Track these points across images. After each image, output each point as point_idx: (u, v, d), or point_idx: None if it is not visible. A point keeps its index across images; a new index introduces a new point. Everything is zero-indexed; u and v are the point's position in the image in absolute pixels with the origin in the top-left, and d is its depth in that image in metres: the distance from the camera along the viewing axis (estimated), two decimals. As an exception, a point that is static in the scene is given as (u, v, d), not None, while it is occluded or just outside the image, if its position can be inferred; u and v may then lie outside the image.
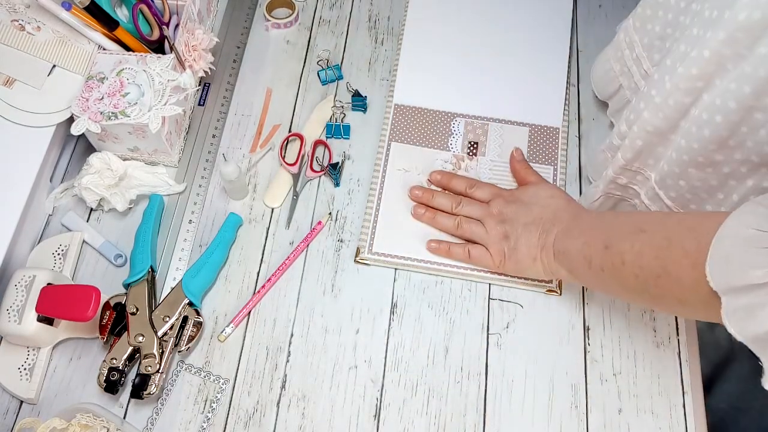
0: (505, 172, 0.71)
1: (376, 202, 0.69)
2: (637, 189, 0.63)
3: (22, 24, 0.66)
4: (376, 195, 0.69)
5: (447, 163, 0.71)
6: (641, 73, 0.64)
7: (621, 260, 0.51)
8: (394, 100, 0.75)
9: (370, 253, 0.66)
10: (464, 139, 0.73)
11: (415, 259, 0.66)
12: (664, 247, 0.47)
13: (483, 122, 0.73)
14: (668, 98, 0.53)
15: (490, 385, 0.62)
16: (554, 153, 0.72)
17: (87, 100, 0.64)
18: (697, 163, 0.54)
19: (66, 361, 0.62)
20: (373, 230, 0.67)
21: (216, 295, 0.65)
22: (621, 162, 0.61)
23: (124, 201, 0.67)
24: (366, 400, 0.61)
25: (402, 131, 0.73)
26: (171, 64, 0.67)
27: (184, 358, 0.62)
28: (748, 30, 0.44)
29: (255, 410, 0.60)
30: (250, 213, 0.70)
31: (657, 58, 0.62)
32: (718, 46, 0.47)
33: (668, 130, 0.55)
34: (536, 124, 0.74)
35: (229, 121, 0.75)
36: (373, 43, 0.81)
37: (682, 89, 0.51)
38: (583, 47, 0.81)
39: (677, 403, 0.61)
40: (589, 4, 0.84)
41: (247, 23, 0.82)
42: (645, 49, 0.63)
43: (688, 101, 0.52)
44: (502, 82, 0.76)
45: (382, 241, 0.67)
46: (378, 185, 0.70)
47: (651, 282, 0.48)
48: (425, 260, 0.66)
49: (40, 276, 0.59)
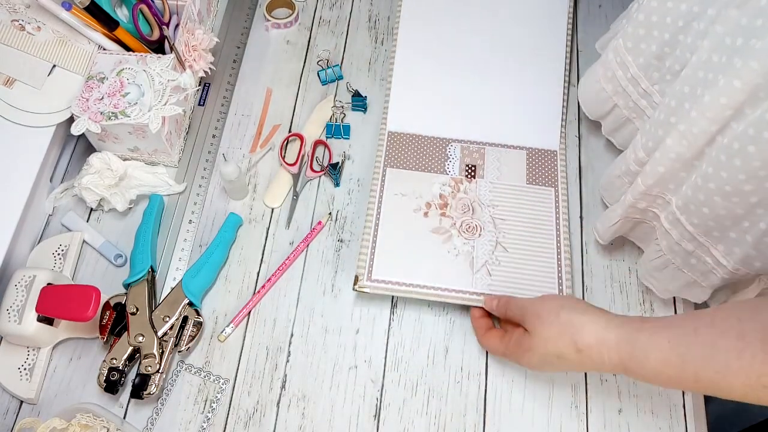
0: (505, 193, 0.69)
1: (373, 229, 0.66)
2: (657, 212, 0.61)
3: (22, 24, 0.66)
4: (373, 221, 0.67)
5: (446, 186, 0.69)
6: (639, 92, 0.64)
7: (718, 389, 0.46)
8: (388, 128, 0.73)
9: (369, 280, 0.64)
10: (461, 163, 0.71)
11: (416, 285, 0.64)
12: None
13: (479, 146, 0.72)
14: (692, 126, 0.52)
15: (490, 385, 0.62)
16: (554, 175, 0.71)
17: (87, 100, 0.64)
18: (723, 192, 0.52)
19: (66, 361, 0.62)
20: (372, 257, 0.65)
21: (216, 295, 0.65)
22: (641, 188, 0.60)
23: (124, 201, 0.67)
24: (366, 400, 0.61)
25: (397, 157, 0.71)
26: (171, 64, 0.67)
27: (184, 358, 0.62)
28: None
29: (255, 410, 0.60)
30: (250, 213, 0.70)
31: (656, 76, 0.62)
32: (752, 75, 0.46)
33: (693, 157, 0.54)
34: (533, 147, 0.72)
35: (229, 121, 0.75)
36: (373, 43, 0.81)
37: (708, 118, 0.50)
38: (583, 47, 0.81)
39: (677, 403, 0.61)
40: (589, 4, 0.84)
41: (247, 23, 0.82)
42: (641, 69, 0.63)
43: (715, 129, 0.51)
44: (497, 105, 0.75)
45: (380, 268, 0.65)
46: (375, 211, 0.68)
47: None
48: (425, 286, 0.64)
49: (40, 276, 0.59)
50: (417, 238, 0.66)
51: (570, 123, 0.75)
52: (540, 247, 0.66)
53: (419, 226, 0.67)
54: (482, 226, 0.67)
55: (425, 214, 0.68)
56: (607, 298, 0.65)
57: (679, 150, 0.55)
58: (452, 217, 0.68)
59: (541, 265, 0.65)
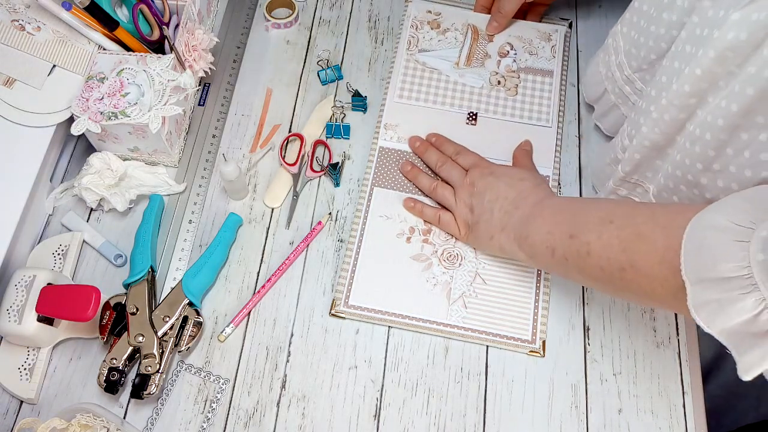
0: None
1: (355, 251, 0.66)
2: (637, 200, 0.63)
3: (22, 24, 0.66)
4: (356, 243, 0.66)
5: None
6: (623, 78, 0.65)
7: (587, 251, 0.50)
8: (379, 144, 0.72)
9: (346, 306, 0.63)
10: None
11: (391, 314, 0.63)
12: (632, 240, 0.47)
13: None
14: (664, 114, 0.53)
15: (490, 385, 0.62)
16: None
17: (87, 100, 0.64)
18: (687, 181, 0.54)
19: (66, 361, 0.62)
20: (351, 281, 0.64)
21: (216, 295, 0.65)
22: (620, 174, 0.61)
23: (124, 201, 0.67)
24: (366, 400, 0.61)
25: (386, 176, 0.70)
26: (171, 64, 0.67)
27: (184, 358, 0.62)
28: (737, 49, 0.45)
29: (255, 410, 0.60)
30: (250, 213, 0.70)
31: (635, 65, 0.63)
32: (710, 64, 0.47)
33: (665, 145, 0.56)
34: None
35: (229, 121, 0.75)
36: (373, 43, 0.81)
37: (676, 105, 0.52)
38: (583, 47, 0.81)
39: (677, 403, 0.61)
40: (589, 4, 0.84)
41: (247, 23, 0.82)
42: (625, 56, 0.64)
43: (683, 117, 0.52)
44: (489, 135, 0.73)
45: (358, 294, 0.64)
46: (358, 234, 0.67)
47: (616, 274, 0.48)
48: (400, 314, 0.63)
49: (40, 276, 0.59)
50: (397, 265, 0.66)
51: (570, 123, 0.75)
52: (519, 283, 0.65)
53: (401, 252, 0.66)
54: (463, 255, 0.66)
55: (408, 240, 0.67)
56: (607, 297, 0.65)
57: (652, 137, 0.56)
58: (434, 244, 0.67)
59: (517, 302, 0.64)
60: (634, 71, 0.63)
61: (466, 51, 0.78)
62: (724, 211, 0.42)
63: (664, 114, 0.53)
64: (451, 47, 0.78)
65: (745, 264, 0.38)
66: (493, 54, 0.78)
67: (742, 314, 0.38)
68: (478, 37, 0.79)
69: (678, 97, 0.51)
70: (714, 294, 0.40)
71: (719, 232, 0.40)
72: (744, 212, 0.41)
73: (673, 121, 0.53)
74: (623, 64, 0.64)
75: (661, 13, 0.56)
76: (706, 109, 0.49)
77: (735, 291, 0.39)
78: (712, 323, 0.40)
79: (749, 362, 0.39)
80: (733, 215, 0.41)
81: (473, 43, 0.79)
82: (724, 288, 0.39)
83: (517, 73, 0.77)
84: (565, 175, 0.72)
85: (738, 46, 0.45)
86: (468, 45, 0.78)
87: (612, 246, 0.48)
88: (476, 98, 0.75)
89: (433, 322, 0.63)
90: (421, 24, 0.80)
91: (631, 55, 0.62)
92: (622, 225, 0.49)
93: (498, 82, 0.76)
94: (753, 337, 0.39)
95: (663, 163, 0.57)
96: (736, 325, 0.39)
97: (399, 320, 0.63)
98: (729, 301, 0.39)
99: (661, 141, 0.55)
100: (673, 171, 0.55)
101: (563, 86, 0.76)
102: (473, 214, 0.63)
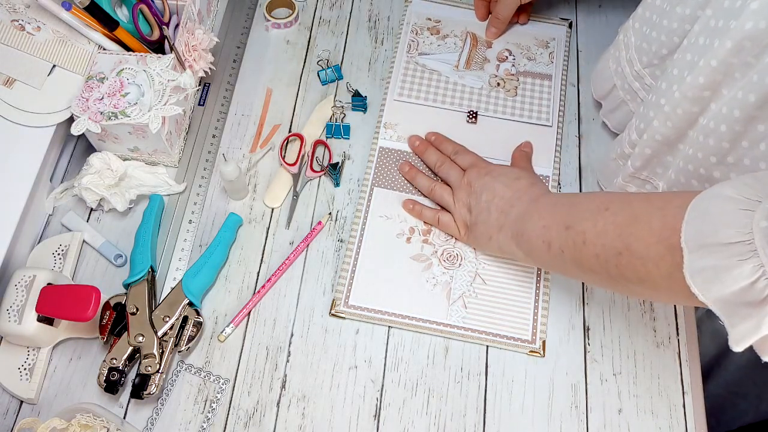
0: None
1: (354, 251, 0.66)
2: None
3: (22, 24, 0.66)
4: (356, 243, 0.66)
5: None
6: (633, 74, 0.65)
7: (582, 239, 0.50)
8: (379, 144, 0.73)
9: (346, 306, 0.64)
10: None
11: (391, 314, 0.63)
12: (628, 224, 0.47)
13: None
14: (677, 107, 0.53)
15: (490, 385, 0.62)
16: None
17: (87, 100, 0.64)
18: (699, 176, 0.53)
19: (66, 361, 0.62)
20: (351, 282, 0.65)
21: (216, 295, 0.65)
22: (630, 170, 0.61)
23: (124, 201, 0.67)
24: (366, 400, 0.61)
25: (386, 176, 0.70)
26: (171, 64, 0.67)
27: (184, 358, 0.62)
28: (755, 39, 0.44)
29: (255, 410, 0.60)
30: (250, 213, 0.70)
31: (645, 60, 0.62)
32: (726, 55, 0.47)
33: (676, 139, 0.55)
34: None
35: (229, 121, 0.75)
36: (373, 43, 0.81)
37: (689, 98, 0.51)
38: (583, 47, 0.81)
39: (677, 403, 0.61)
40: (589, 4, 0.84)
41: (247, 23, 0.82)
42: (636, 51, 0.64)
43: (696, 110, 0.52)
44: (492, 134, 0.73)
45: (358, 294, 0.64)
46: (358, 234, 0.67)
47: (612, 261, 0.48)
48: (400, 315, 0.63)
49: (40, 276, 0.59)
50: (397, 265, 0.66)
51: (570, 123, 0.75)
52: (519, 283, 0.65)
53: (401, 253, 0.66)
54: (463, 255, 0.66)
55: (408, 240, 0.67)
56: (607, 295, 0.65)
57: (663, 131, 0.55)
58: (434, 245, 0.67)
59: (517, 302, 0.64)
60: (644, 66, 0.63)
61: (465, 55, 0.78)
62: (732, 185, 0.41)
63: (677, 108, 0.53)
64: (450, 51, 0.78)
65: (747, 230, 0.38)
66: (492, 59, 0.78)
67: (738, 281, 0.38)
68: (477, 44, 0.79)
69: (691, 89, 0.51)
70: (712, 260, 0.39)
71: (725, 201, 0.40)
72: (752, 188, 0.40)
73: (686, 114, 0.53)
74: (633, 60, 0.64)
75: (675, 7, 0.56)
76: (721, 101, 0.49)
77: (734, 257, 0.38)
78: (708, 291, 0.39)
79: (742, 333, 0.39)
80: (742, 189, 0.40)
81: (472, 49, 0.79)
82: (723, 254, 0.38)
83: (516, 76, 0.77)
84: (565, 174, 0.72)
85: (757, 36, 0.44)
86: (467, 50, 0.79)
87: (607, 232, 0.48)
88: (476, 98, 0.75)
89: (433, 322, 0.63)
90: (420, 30, 0.80)
91: (642, 50, 0.62)
92: (617, 211, 0.49)
93: (497, 83, 0.76)
94: (747, 307, 0.38)
95: (674, 159, 0.57)
96: (731, 293, 0.38)
97: (399, 320, 0.63)
98: (726, 268, 0.38)
99: (672, 135, 0.55)
100: (685, 165, 0.54)
101: (563, 86, 0.76)
102: (471, 214, 0.63)
